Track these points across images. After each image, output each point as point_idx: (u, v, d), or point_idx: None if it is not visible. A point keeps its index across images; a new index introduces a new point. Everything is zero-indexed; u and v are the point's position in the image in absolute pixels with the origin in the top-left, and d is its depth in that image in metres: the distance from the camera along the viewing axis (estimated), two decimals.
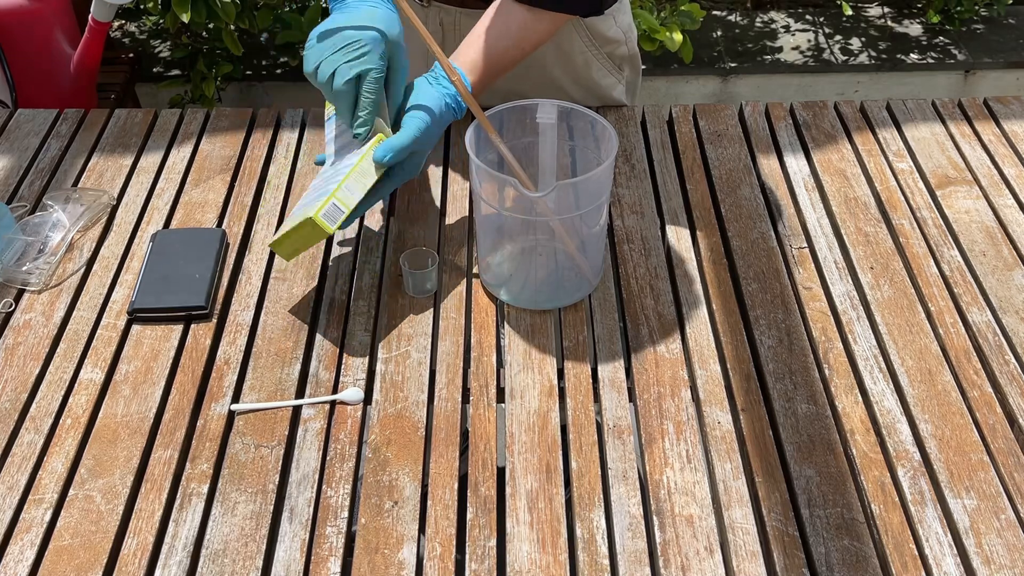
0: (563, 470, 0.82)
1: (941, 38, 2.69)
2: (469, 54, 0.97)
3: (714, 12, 2.82)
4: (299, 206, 0.94)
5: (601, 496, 0.80)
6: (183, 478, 0.82)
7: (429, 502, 0.80)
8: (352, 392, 0.88)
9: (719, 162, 1.16)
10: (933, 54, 2.63)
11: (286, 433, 0.85)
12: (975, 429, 0.85)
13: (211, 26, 2.23)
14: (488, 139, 0.91)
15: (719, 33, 2.73)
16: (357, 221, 1.07)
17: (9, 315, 0.97)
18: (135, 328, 0.95)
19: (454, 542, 0.77)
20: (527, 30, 0.99)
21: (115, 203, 1.11)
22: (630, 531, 0.78)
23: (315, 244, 0.91)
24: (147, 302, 0.96)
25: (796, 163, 1.16)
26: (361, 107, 0.90)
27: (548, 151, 0.97)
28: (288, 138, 1.20)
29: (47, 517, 0.79)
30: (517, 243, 0.99)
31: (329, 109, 0.99)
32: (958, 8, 2.67)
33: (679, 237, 1.05)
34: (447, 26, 1.12)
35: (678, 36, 2.18)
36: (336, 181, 0.88)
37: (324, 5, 0.99)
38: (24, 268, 1.00)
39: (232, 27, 2.21)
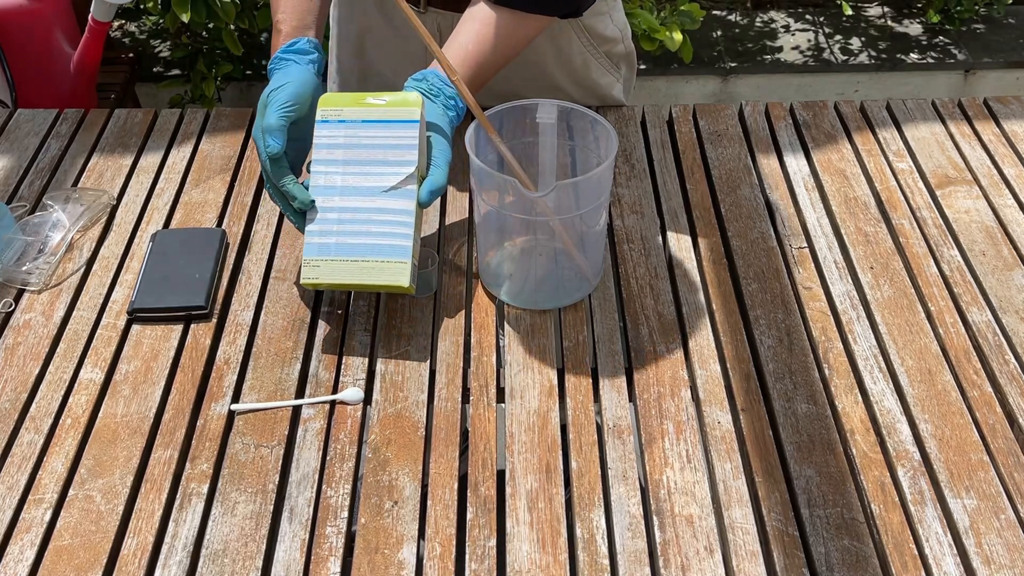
0: (563, 470, 0.82)
1: (941, 38, 2.69)
2: (451, 60, 0.95)
3: (714, 12, 2.82)
4: (322, 235, 0.89)
5: (601, 496, 0.80)
6: (183, 478, 0.82)
7: (429, 502, 0.80)
8: (352, 392, 0.88)
9: (719, 162, 1.16)
10: (933, 54, 2.63)
11: (286, 433, 0.85)
12: (975, 429, 0.85)
13: (211, 26, 2.23)
14: (488, 139, 0.91)
15: (719, 33, 2.73)
16: None
17: (9, 315, 0.97)
18: (135, 328, 0.95)
19: (454, 542, 0.77)
20: (507, 34, 0.98)
21: (115, 203, 1.11)
22: (630, 531, 0.78)
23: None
24: (147, 302, 0.96)
25: (796, 163, 1.16)
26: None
27: (548, 151, 0.97)
28: None
29: (47, 517, 0.79)
30: (517, 243, 0.99)
31: (319, 111, 0.92)
32: (958, 8, 2.67)
33: (679, 237, 1.05)
34: (444, 30, 1.12)
35: (678, 36, 2.18)
36: (399, 236, 0.88)
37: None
38: (24, 268, 1.00)
39: (232, 27, 2.21)
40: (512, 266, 0.99)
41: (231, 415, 0.87)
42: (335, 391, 0.89)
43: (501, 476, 0.82)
